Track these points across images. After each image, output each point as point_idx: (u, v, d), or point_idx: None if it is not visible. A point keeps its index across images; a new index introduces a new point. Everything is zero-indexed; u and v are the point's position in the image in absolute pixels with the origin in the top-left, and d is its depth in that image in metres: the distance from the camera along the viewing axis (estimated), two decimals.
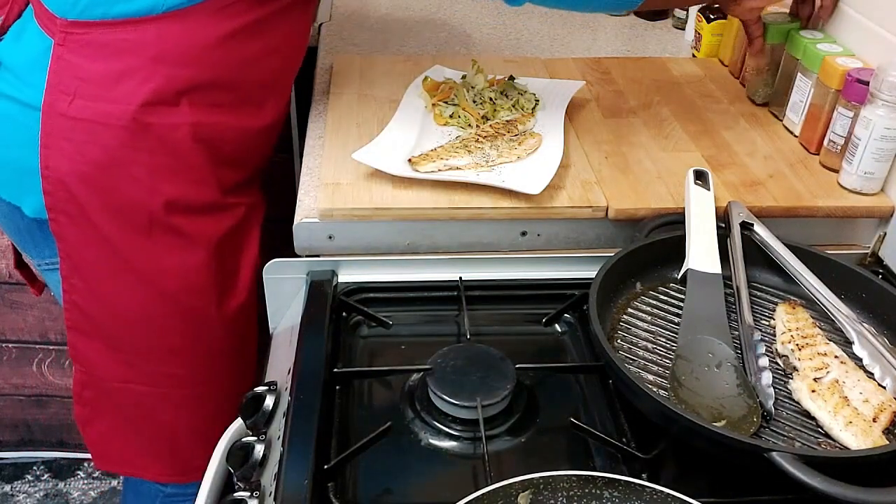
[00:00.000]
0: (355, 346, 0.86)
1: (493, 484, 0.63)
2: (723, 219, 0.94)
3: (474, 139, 1.05)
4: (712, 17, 1.35)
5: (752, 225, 0.93)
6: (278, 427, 0.77)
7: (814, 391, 0.75)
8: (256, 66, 0.97)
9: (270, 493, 0.69)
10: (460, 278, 0.91)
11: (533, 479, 0.64)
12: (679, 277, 0.89)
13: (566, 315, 0.90)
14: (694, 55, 1.41)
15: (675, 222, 0.94)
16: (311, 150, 1.09)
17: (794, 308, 0.86)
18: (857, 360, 0.81)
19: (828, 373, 0.77)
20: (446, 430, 0.75)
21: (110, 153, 0.92)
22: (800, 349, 0.80)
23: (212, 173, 0.97)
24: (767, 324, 0.86)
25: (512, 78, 1.20)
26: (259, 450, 0.75)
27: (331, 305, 0.87)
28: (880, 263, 0.99)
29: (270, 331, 0.97)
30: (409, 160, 1.00)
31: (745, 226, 0.93)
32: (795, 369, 0.79)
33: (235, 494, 0.71)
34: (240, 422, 0.81)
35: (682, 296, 0.87)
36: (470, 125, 1.10)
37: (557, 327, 0.89)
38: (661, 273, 0.91)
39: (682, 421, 0.68)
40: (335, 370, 0.80)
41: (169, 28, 0.89)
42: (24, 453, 1.90)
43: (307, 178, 1.03)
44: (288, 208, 0.99)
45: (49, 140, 0.92)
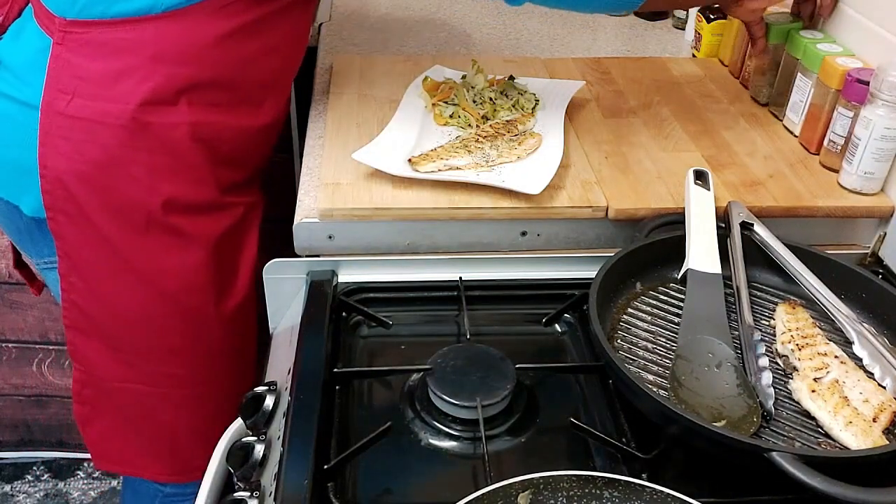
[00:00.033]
0: (355, 346, 0.86)
1: (493, 484, 0.63)
2: (723, 219, 0.94)
3: (474, 139, 1.05)
4: (712, 17, 1.35)
5: (752, 225, 0.93)
6: (278, 427, 0.77)
7: (814, 391, 0.75)
8: (255, 66, 0.97)
9: (270, 493, 0.69)
10: (460, 278, 0.91)
11: (533, 479, 0.64)
12: (679, 277, 0.89)
13: (566, 315, 0.90)
14: (694, 55, 1.41)
15: (675, 222, 0.94)
16: (311, 150, 1.09)
17: (794, 308, 0.86)
18: (857, 360, 0.81)
19: (828, 373, 0.77)
20: (446, 430, 0.75)
21: (109, 152, 0.91)
22: (800, 349, 0.80)
23: (210, 173, 0.97)
24: (767, 324, 0.86)
25: (512, 78, 1.20)
26: (259, 450, 0.74)
27: (331, 305, 0.87)
28: (880, 263, 0.99)
29: (270, 331, 0.97)
30: (409, 160, 1.00)
31: (745, 226, 0.93)
32: (795, 369, 0.79)
33: (235, 494, 0.71)
34: (240, 422, 0.81)
35: (682, 296, 0.87)
36: (470, 125, 1.10)
37: (557, 327, 0.89)
38: (661, 273, 0.91)
39: (682, 421, 0.68)
40: (335, 370, 0.80)
41: (167, 27, 0.89)
42: (24, 453, 1.90)
43: (307, 178, 1.03)
44: (288, 208, 0.99)
45: (47, 139, 0.92)
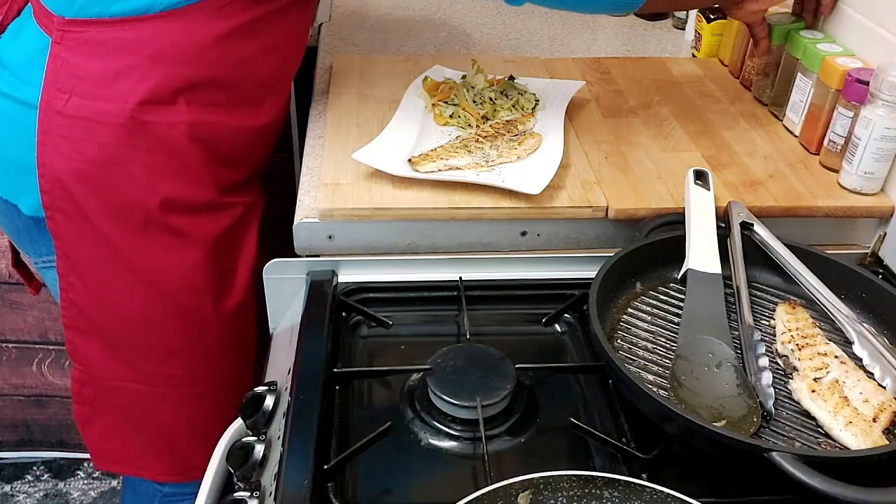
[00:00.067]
0: (355, 346, 0.86)
1: (493, 484, 0.63)
2: (723, 219, 0.94)
3: (474, 139, 1.05)
4: (712, 17, 1.35)
5: (752, 225, 0.93)
6: (278, 427, 0.76)
7: (814, 391, 0.75)
8: (254, 66, 0.97)
9: (270, 493, 0.69)
10: (460, 278, 0.91)
11: (533, 479, 0.64)
12: (679, 277, 0.89)
13: (566, 315, 0.90)
14: (694, 55, 1.41)
15: (675, 222, 0.94)
16: (311, 150, 1.09)
17: (794, 308, 0.86)
18: (857, 360, 0.81)
19: (828, 373, 0.77)
20: (446, 430, 0.75)
21: (107, 151, 0.91)
22: (800, 349, 0.80)
23: (209, 172, 0.97)
24: (767, 324, 0.86)
25: (512, 78, 1.20)
26: (259, 450, 0.74)
27: (331, 305, 0.87)
28: (880, 263, 0.99)
29: (270, 331, 0.97)
30: (409, 160, 1.00)
31: (745, 226, 0.93)
32: (795, 369, 0.79)
33: (235, 494, 0.71)
34: (240, 422, 0.81)
35: (682, 296, 0.86)
36: (470, 125, 1.10)
37: (557, 327, 0.89)
38: (661, 273, 0.91)
39: (682, 421, 0.68)
40: (335, 370, 0.80)
41: (166, 27, 0.89)
42: (24, 453, 1.89)
43: (307, 178, 1.03)
44: (288, 208, 0.99)
45: (46, 138, 0.92)
